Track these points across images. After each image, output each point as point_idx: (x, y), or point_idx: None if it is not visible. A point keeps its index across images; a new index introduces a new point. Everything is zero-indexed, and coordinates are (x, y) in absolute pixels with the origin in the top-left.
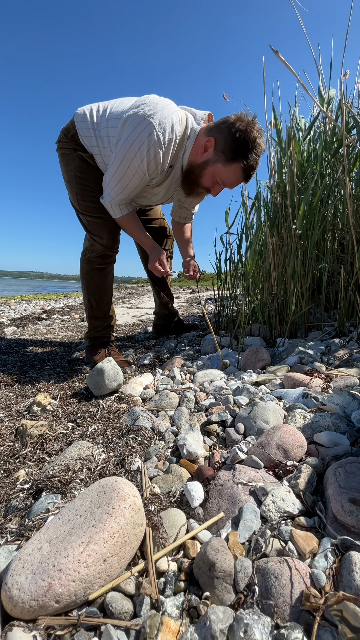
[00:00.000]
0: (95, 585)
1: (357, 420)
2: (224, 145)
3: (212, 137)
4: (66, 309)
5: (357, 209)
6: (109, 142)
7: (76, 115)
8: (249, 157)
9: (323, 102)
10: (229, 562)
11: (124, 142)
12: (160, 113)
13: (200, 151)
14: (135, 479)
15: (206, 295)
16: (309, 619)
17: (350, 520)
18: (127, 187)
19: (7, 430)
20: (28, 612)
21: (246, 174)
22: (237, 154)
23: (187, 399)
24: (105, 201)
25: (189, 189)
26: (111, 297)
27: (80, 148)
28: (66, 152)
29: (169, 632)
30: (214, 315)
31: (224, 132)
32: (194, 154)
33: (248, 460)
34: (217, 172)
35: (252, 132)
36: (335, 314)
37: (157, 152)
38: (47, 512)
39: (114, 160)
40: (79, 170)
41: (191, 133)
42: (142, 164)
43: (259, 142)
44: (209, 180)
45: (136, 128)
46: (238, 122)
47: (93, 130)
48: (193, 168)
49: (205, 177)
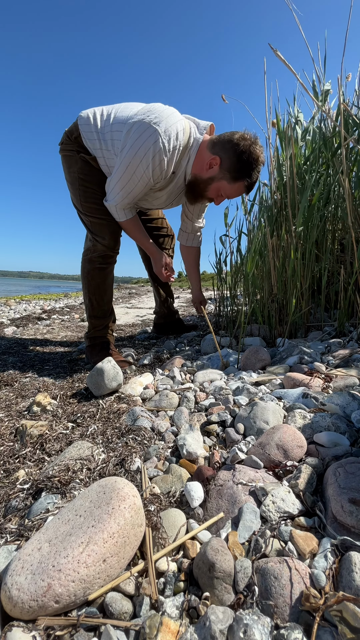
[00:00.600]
0: (94, 585)
1: (357, 421)
2: (229, 165)
3: (218, 155)
4: (66, 309)
5: (357, 209)
6: (112, 146)
7: (80, 119)
8: (253, 175)
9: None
10: (228, 562)
11: (129, 148)
12: (166, 121)
13: (206, 167)
14: (135, 479)
15: (206, 295)
16: (309, 619)
17: (350, 521)
18: (131, 192)
19: (7, 430)
20: (28, 613)
21: (248, 189)
22: (241, 174)
23: (187, 399)
24: (109, 205)
25: (193, 199)
26: (111, 297)
27: (83, 150)
28: (69, 154)
29: (169, 633)
30: (214, 315)
31: (229, 152)
32: (198, 167)
33: (248, 461)
34: (222, 188)
35: (256, 151)
36: (335, 314)
37: (162, 159)
38: (47, 512)
39: (120, 165)
40: (82, 172)
41: (194, 143)
42: (147, 170)
43: (261, 160)
44: (214, 193)
45: (142, 135)
46: (242, 143)
47: (97, 133)
48: (198, 182)
49: (210, 191)
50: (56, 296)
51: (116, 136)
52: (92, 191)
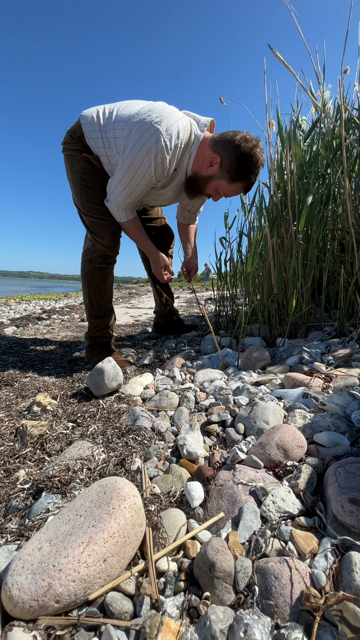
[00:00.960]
0: (95, 585)
1: (357, 421)
2: (229, 165)
3: (218, 154)
4: (66, 309)
5: (357, 209)
6: (115, 144)
7: (82, 118)
8: (251, 177)
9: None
10: (229, 562)
11: (132, 147)
12: (167, 120)
13: (206, 165)
14: (135, 479)
15: (206, 295)
16: (309, 619)
17: (350, 520)
18: (133, 192)
19: (7, 430)
20: (28, 612)
21: (246, 190)
22: (241, 175)
23: (187, 399)
24: (111, 205)
25: (192, 194)
26: (111, 297)
27: (86, 150)
28: (72, 153)
29: (169, 632)
30: (214, 316)
31: (229, 152)
32: (198, 164)
33: (248, 461)
34: (221, 187)
35: (256, 154)
36: (335, 314)
37: (164, 158)
38: (47, 512)
39: (122, 165)
40: (84, 172)
41: (195, 140)
42: (149, 169)
43: (261, 162)
44: (212, 190)
45: (144, 134)
46: (243, 145)
47: (100, 132)
48: (198, 179)
49: (209, 188)
50: (56, 296)
51: (119, 134)
52: (94, 191)
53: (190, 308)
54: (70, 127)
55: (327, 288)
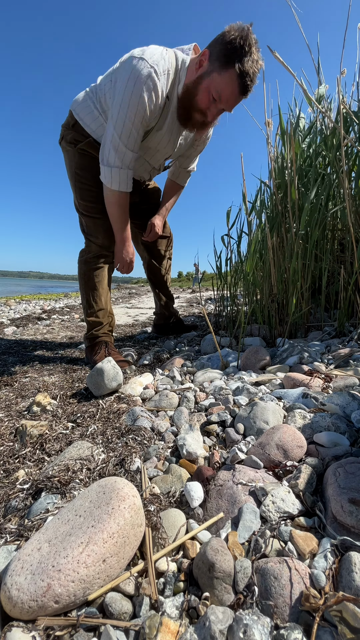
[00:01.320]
0: (94, 585)
1: (357, 421)
2: (219, 52)
3: (207, 49)
4: (66, 309)
5: (357, 209)
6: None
7: (73, 102)
8: (244, 60)
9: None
10: (228, 562)
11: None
12: (149, 51)
13: (196, 68)
14: (135, 479)
15: (206, 295)
16: (309, 619)
17: (350, 521)
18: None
19: (7, 430)
20: (27, 613)
21: (242, 82)
22: (231, 57)
23: (186, 399)
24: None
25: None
26: (109, 297)
27: (81, 137)
28: (68, 147)
29: (169, 633)
30: (214, 316)
31: (218, 40)
32: (189, 77)
33: (248, 461)
34: (212, 84)
35: (248, 37)
36: (335, 314)
37: (155, 83)
38: (47, 512)
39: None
40: (79, 166)
41: (182, 64)
42: (141, 100)
43: (254, 50)
44: (205, 97)
45: (133, 69)
46: (233, 29)
47: (90, 101)
48: (188, 89)
49: (201, 95)
50: (56, 296)
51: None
52: (88, 187)
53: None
54: (64, 122)
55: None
